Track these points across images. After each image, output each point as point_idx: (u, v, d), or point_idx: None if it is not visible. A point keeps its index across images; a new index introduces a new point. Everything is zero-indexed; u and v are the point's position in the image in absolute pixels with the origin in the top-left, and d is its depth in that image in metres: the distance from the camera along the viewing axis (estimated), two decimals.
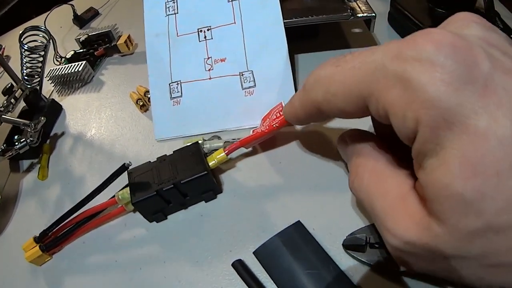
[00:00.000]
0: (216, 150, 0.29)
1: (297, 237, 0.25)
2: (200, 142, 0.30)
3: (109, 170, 0.34)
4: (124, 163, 0.27)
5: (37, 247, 0.29)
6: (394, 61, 0.13)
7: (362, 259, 0.22)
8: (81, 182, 0.35)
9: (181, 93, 0.34)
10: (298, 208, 0.26)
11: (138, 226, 0.30)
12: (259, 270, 0.25)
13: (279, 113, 0.26)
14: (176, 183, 0.26)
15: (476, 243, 0.13)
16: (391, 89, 0.13)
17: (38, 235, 0.30)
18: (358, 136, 0.20)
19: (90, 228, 0.30)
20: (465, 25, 0.14)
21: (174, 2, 0.37)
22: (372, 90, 0.14)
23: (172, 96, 0.34)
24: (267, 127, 0.27)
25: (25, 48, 0.38)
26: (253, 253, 0.25)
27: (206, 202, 0.29)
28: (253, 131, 0.29)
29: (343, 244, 0.23)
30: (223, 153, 0.28)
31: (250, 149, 0.31)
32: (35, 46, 0.39)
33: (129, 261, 0.28)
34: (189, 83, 0.34)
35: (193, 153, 0.28)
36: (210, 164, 0.28)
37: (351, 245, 0.23)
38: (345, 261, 0.23)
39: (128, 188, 0.28)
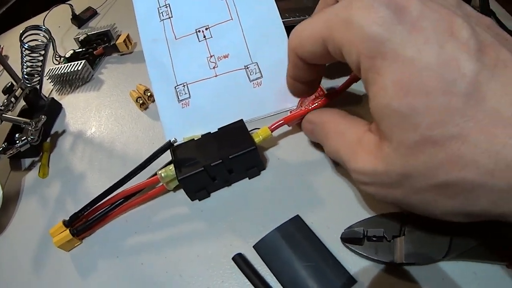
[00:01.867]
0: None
1: (296, 231, 0.25)
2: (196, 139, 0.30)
3: (110, 167, 0.35)
4: (170, 140, 0.27)
5: (67, 231, 0.29)
6: (344, 9, 0.16)
7: (360, 252, 0.23)
8: (82, 180, 0.35)
9: (189, 94, 0.34)
10: (296, 203, 0.27)
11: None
12: (259, 263, 0.25)
13: (322, 91, 0.28)
14: (224, 158, 0.26)
15: (419, 157, 0.15)
16: (341, 31, 0.16)
17: (68, 218, 0.29)
18: (317, 114, 0.24)
19: (125, 209, 0.30)
20: None
21: (167, 7, 0.37)
22: (329, 33, 0.17)
23: (180, 99, 0.34)
24: (310, 106, 0.26)
25: (26, 47, 0.38)
26: (253, 247, 0.26)
27: (249, 178, 0.29)
28: (291, 111, 0.29)
29: (341, 238, 0.24)
30: (268, 130, 0.28)
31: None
32: (36, 45, 0.39)
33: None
34: (196, 83, 0.34)
35: (239, 130, 0.28)
36: (255, 140, 0.28)
37: (349, 238, 0.23)
38: (343, 254, 0.23)
39: (170, 166, 0.28)
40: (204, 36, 0.36)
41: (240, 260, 0.25)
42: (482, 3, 0.38)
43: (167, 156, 0.28)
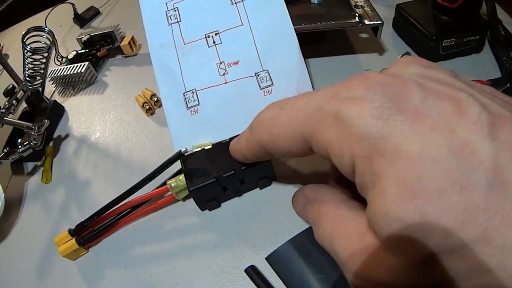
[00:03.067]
0: None
1: (309, 242, 0.25)
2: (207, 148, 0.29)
3: (116, 175, 0.34)
4: (180, 150, 0.27)
5: (73, 241, 0.28)
6: (331, 102, 0.14)
7: None
8: (86, 187, 0.35)
9: (198, 101, 0.33)
10: None
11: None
12: (271, 275, 0.25)
13: None
14: (236, 169, 0.26)
15: (432, 272, 0.12)
16: (328, 128, 0.14)
17: (73, 226, 0.29)
18: (314, 190, 0.21)
19: (132, 219, 0.30)
20: (404, 66, 0.15)
21: (175, 11, 0.36)
22: (313, 131, 0.15)
23: (189, 106, 0.33)
24: None
25: (28, 49, 0.37)
26: (266, 258, 0.25)
27: (261, 189, 0.29)
28: None
29: None
30: None
31: None
32: (38, 47, 0.38)
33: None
34: (205, 90, 0.34)
35: None
36: None
37: None
38: None
39: (180, 176, 0.27)
40: (214, 42, 0.35)
41: (253, 273, 0.25)
42: (491, 12, 0.38)
43: (175, 164, 0.28)
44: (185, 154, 0.27)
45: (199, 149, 0.29)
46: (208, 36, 0.35)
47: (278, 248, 0.25)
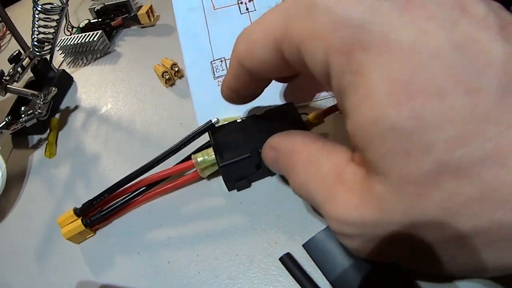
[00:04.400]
0: None
1: None
2: (238, 121, 0.26)
3: (129, 149, 0.31)
4: (211, 120, 0.23)
5: (79, 221, 0.25)
6: None
7: None
8: (95, 162, 0.31)
9: (227, 70, 0.30)
10: None
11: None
12: (308, 265, 0.21)
13: None
14: None
15: (433, 197, 0.10)
16: (300, 22, 0.11)
17: (80, 206, 0.25)
18: (281, 138, 0.18)
19: (147, 199, 0.26)
20: None
21: None
22: (285, 28, 0.12)
23: (216, 75, 0.30)
24: None
25: (39, 9, 0.34)
26: (303, 245, 0.22)
27: None
28: None
29: None
30: (321, 116, 0.24)
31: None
32: (51, 7, 0.34)
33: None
34: None
35: (289, 114, 0.24)
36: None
37: None
38: None
39: (209, 150, 0.24)
40: (247, 9, 0.32)
41: (289, 261, 0.21)
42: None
43: (200, 138, 0.24)
44: (216, 126, 0.23)
45: (230, 121, 0.25)
46: (241, 2, 0.32)
47: (317, 234, 0.22)
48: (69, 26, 0.45)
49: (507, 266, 0.10)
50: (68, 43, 0.41)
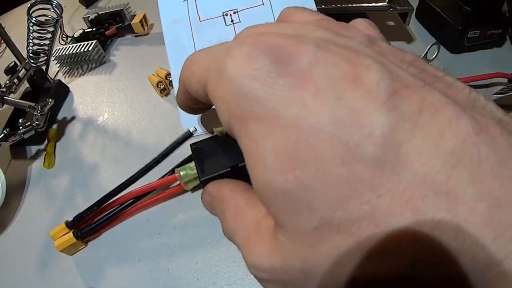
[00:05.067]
0: None
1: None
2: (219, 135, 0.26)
3: (126, 159, 0.31)
4: (189, 129, 0.24)
5: (70, 234, 0.25)
6: (224, 53, 0.13)
7: None
8: (93, 172, 0.32)
9: None
10: None
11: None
12: None
13: None
14: None
15: (321, 248, 0.11)
16: (214, 81, 0.13)
17: (71, 219, 0.26)
18: (216, 185, 0.20)
19: (135, 211, 0.27)
20: (312, 28, 0.14)
21: None
22: (207, 79, 0.14)
23: None
24: None
25: (34, 21, 0.34)
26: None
27: None
28: None
29: None
30: None
31: None
32: (45, 20, 0.35)
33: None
34: None
35: None
36: None
37: None
38: None
39: (191, 164, 0.24)
40: (232, 21, 0.33)
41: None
42: (510, 7, 0.37)
43: (185, 151, 0.25)
44: (194, 135, 0.24)
45: (211, 134, 0.26)
46: (226, 14, 0.33)
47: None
48: (63, 36, 0.45)
49: None
50: (63, 53, 0.42)
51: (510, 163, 0.09)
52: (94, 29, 0.45)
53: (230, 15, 0.33)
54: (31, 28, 0.35)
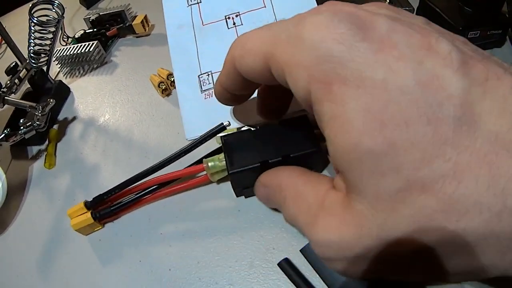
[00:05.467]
0: None
1: None
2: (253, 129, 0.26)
3: (128, 159, 0.31)
4: (223, 123, 0.23)
5: (88, 214, 0.26)
6: (297, 24, 0.13)
7: None
8: (94, 172, 0.31)
9: (213, 84, 0.31)
10: None
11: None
12: (306, 269, 0.22)
13: None
14: (285, 156, 0.22)
15: (404, 211, 0.11)
16: (288, 49, 0.13)
17: (90, 199, 0.26)
18: (270, 175, 0.20)
19: (156, 198, 0.27)
20: (376, 8, 0.14)
21: None
22: (273, 51, 0.14)
23: (203, 89, 0.31)
24: None
25: (35, 21, 0.34)
26: (300, 250, 0.22)
27: None
28: None
29: None
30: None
31: None
32: (47, 20, 0.35)
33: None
34: None
35: (302, 126, 0.24)
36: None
37: None
38: None
39: (220, 155, 0.24)
40: (234, 23, 0.33)
41: (287, 266, 0.22)
42: (510, 8, 0.37)
43: (212, 143, 0.25)
44: (227, 127, 0.24)
45: (244, 128, 0.25)
46: (228, 18, 0.33)
47: None
48: (64, 36, 0.45)
49: (471, 270, 0.11)
50: (64, 54, 0.42)
51: None
52: (95, 29, 0.45)
53: (233, 18, 0.33)
54: (32, 28, 0.35)
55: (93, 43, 0.41)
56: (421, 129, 0.11)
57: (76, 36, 0.44)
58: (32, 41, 0.36)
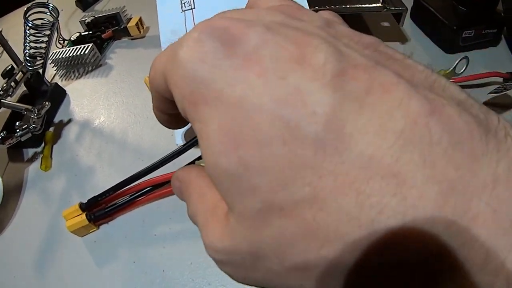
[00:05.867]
0: None
1: None
2: None
3: (123, 161, 0.32)
4: None
5: (83, 216, 0.26)
6: (179, 43, 0.13)
7: None
8: (90, 174, 0.32)
9: None
10: None
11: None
12: None
13: None
14: None
15: (266, 230, 0.11)
16: (172, 68, 0.13)
17: (85, 201, 0.27)
18: (184, 170, 0.20)
19: (150, 199, 0.27)
20: (269, 13, 0.14)
21: None
22: (165, 69, 0.14)
23: None
24: None
25: (30, 25, 0.34)
26: None
27: None
28: None
29: None
30: None
31: None
32: (42, 23, 0.35)
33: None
34: None
35: None
36: None
37: None
38: None
39: None
40: None
41: None
42: (507, 5, 0.37)
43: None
44: None
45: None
46: None
47: None
48: (60, 39, 0.45)
49: None
50: (60, 57, 0.42)
51: (467, 145, 0.09)
52: (90, 32, 0.45)
53: None
54: (27, 31, 0.36)
55: (88, 46, 0.41)
56: (276, 150, 0.10)
57: (72, 39, 0.45)
58: (27, 44, 0.37)
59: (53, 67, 0.44)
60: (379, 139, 0.09)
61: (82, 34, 0.45)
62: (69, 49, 0.42)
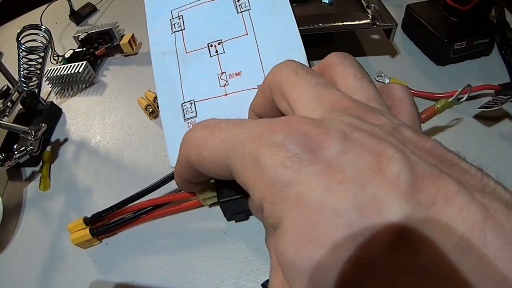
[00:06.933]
0: None
1: None
2: None
3: (119, 182, 0.33)
4: None
5: (87, 230, 0.28)
6: (252, 143, 0.14)
7: None
8: (88, 194, 0.33)
9: (196, 113, 0.32)
10: None
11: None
12: None
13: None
14: None
15: None
16: (246, 168, 0.14)
17: (89, 216, 0.28)
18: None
19: (150, 218, 0.29)
20: (339, 115, 0.15)
21: (179, 19, 0.35)
22: (234, 166, 0.15)
23: (186, 117, 0.32)
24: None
25: (23, 48, 0.35)
26: (261, 285, 0.24)
27: None
28: None
29: None
30: None
31: None
32: (34, 46, 0.36)
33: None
34: (203, 102, 0.32)
35: None
36: None
37: None
38: None
39: (211, 184, 0.26)
40: (216, 51, 0.33)
41: None
42: (500, 15, 0.38)
43: None
44: None
45: None
46: (211, 45, 0.34)
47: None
48: (55, 56, 0.46)
49: None
50: (55, 74, 0.43)
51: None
52: (84, 48, 0.46)
53: (215, 46, 0.34)
54: (21, 54, 0.36)
55: (82, 64, 0.42)
56: (347, 253, 0.11)
57: (66, 56, 0.45)
58: (21, 66, 0.37)
59: (48, 84, 0.44)
60: (440, 247, 0.10)
61: (76, 50, 0.46)
62: (64, 67, 0.43)
